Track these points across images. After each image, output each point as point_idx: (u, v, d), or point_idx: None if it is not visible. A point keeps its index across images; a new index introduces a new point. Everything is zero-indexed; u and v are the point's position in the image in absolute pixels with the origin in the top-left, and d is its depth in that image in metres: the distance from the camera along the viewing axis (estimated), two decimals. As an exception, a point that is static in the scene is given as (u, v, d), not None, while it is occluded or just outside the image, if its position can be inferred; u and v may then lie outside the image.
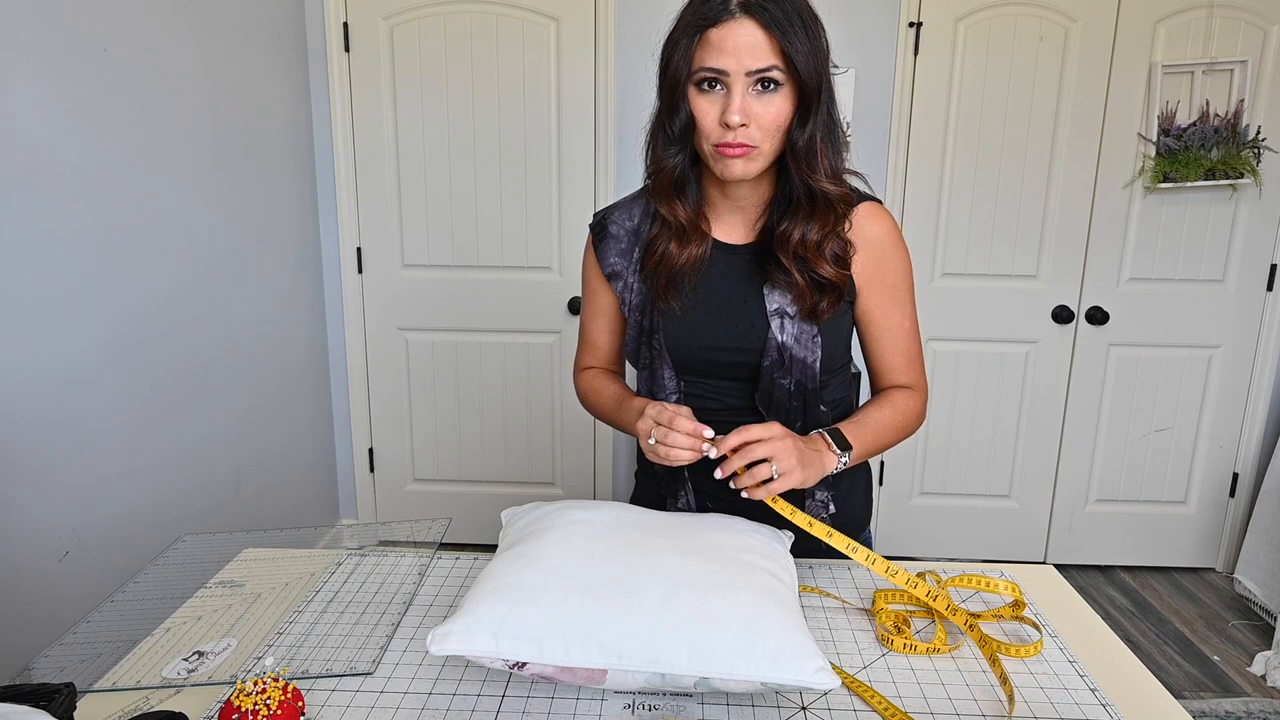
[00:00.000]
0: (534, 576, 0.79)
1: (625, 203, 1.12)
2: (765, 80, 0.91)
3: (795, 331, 1.02)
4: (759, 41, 0.89)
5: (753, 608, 0.76)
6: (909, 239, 2.70)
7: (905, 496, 2.90)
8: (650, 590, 0.76)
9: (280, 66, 2.48)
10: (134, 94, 1.83)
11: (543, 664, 0.74)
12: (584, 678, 0.76)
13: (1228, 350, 2.71)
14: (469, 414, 2.87)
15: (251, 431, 2.35)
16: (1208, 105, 2.52)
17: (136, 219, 1.85)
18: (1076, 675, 0.85)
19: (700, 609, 0.75)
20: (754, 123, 0.92)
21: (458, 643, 0.74)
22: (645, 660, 0.73)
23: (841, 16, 2.56)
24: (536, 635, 0.74)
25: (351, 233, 2.75)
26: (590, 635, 0.74)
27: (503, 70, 2.63)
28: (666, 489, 1.12)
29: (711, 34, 0.90)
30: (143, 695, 0.81)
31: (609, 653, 0.73)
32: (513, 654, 0.74)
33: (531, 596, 0.76)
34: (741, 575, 0.81)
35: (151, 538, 1.87)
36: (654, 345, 1.07)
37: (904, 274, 1.08)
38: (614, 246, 1.10)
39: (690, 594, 0.76)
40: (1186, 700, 2.14)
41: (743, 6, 0.89)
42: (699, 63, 0.91)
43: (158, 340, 1.93)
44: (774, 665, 0.72)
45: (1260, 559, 2.56)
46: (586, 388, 1.17)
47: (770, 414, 1.05)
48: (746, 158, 0.94)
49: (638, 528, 0.88)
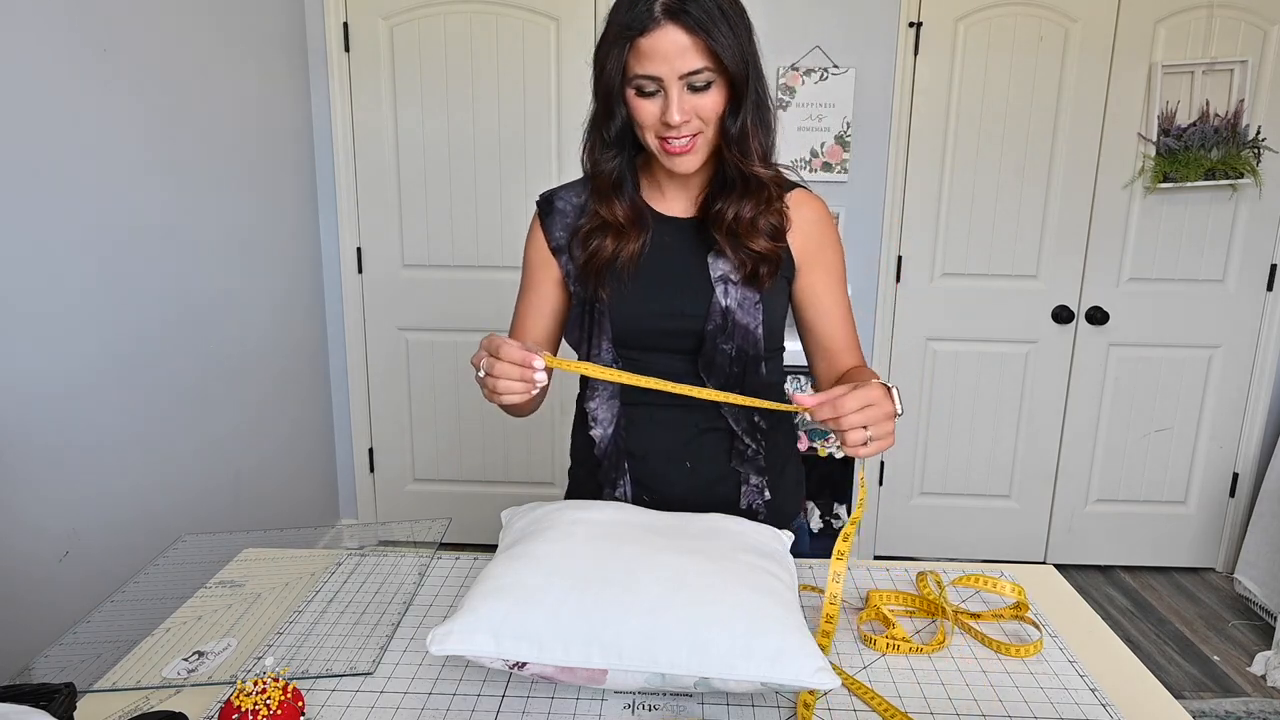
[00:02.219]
0: (534, 576, 0.78)
1: (571, 184, 1.15)
2: (697, 80, 0.94)
3: (739, 297, 1.05)
4: (687, 46, 0.92)
5: (753, 607, 0.76)
6: (909, 239, 2.70)
7: (905, 496, 2.90)
8: (650, 590, 0.76)
9: (280, 66, 2.48)
10: (134, 95, 1.83)
11: (543, 664, 0.74)
12: (584, 678, 0.75)
13: (1228, 350, 2.71)
14: (469, 414, 2.87)
15: (251, 431, 2.35)
16: (1208, 105, 2.52)
17: (136, 219, 1.85)
18: (1076, 675, 0.85)
19: (700, 609, 0.75)
20: (694, 115, 0.96)
21: (458, 643, 0.74)
22: (645, 660, 0.73)
23: (841, 16, 2.56)
24: (537, 635, 0.74)
25: (351, 233, 2.75)
26: (590, 635, 0.73)
27: (503, 70, 2.63)
28: (604, 478, 1.12)
29: (641, 43, 0.93)
30: (143, 695, 0.81)
31: (609, 653, 0.73)
32: (513, 654, 0.74)
33: (532, 596, 0.76)
34: (742, 575, 0.80)
35: (151, 538, 1.87)
36: (594, 314, 1.08)
37: (839, 257, 1.13)
38: (560, 221, 1.11)
39: (690, 594, 0.76)
40: (1186, 700, 2.14)
41: (667, 12, 0.91)
42: (633, 70, 0.95)
43: (157, 341, 1.93)
44: (774, 665, 0.72)
45: (1260, 559, 2.56)
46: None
47: (711, 381, 1.07)
48: (693, 152, 0.99)
49: (638, 527, 0.88)
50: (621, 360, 1.09)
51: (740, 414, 1.10)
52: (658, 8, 0.91)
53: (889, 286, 2.74)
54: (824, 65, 2.57)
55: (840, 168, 2.64)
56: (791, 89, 2.58)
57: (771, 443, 1.13)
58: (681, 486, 1.08)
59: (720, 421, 1.10)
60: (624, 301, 1.06)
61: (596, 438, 1.11)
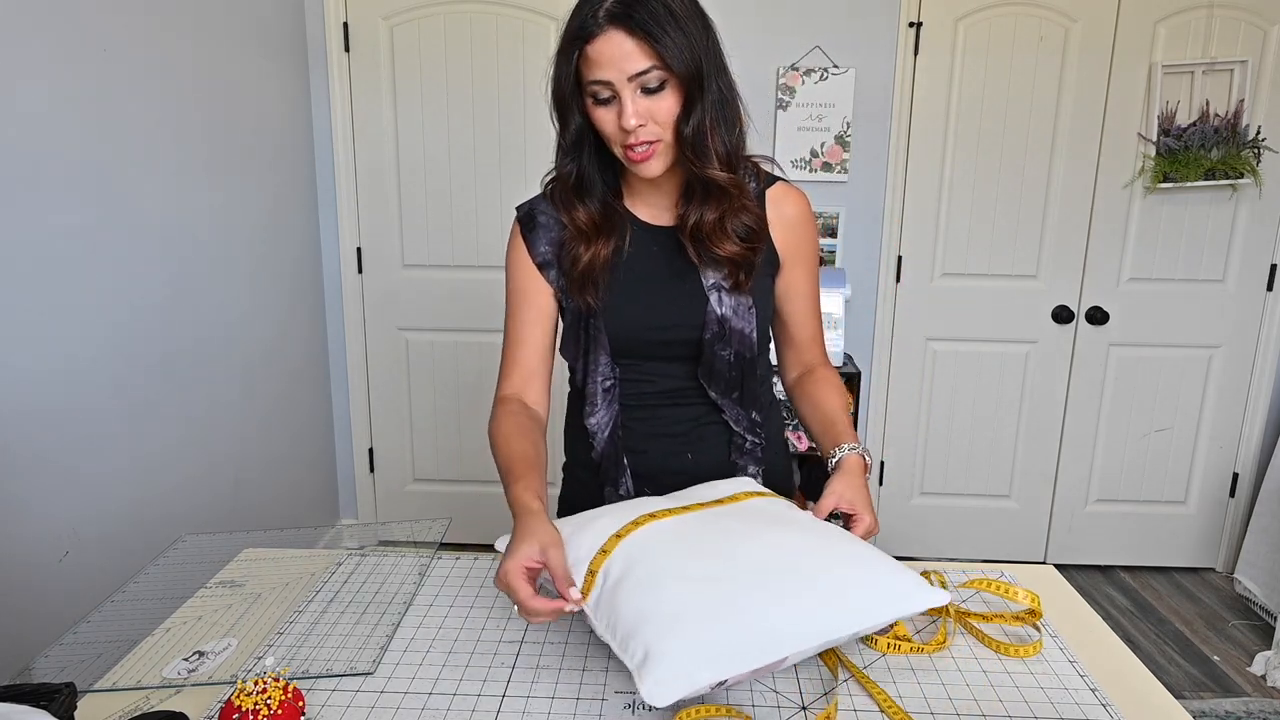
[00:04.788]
0: (681, 600, 0.77)
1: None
2: (649, 81, 0.93)
3: (733, 304, 1.05)
4: (631, 49, 0.91)
5: (863, 563, 0.85)
6: (909, 239, 2.70)
7: (905, 496, 2.90)
8: (785, 577, 0.80)
9: (280, 66, 2.48)
10: (134, 94, 1.83)
11: (740, 674, 0.75)
12: (768, 669, 0.78)
13: (1228, 350, 2.71)
14: (469, 414, 2.87)
15: (252, 431, 2.35)
16: (1208, 105, 2.52)
17: (136, 219, 1.85)
18: (1076, 675, 0.85)
19: (832, 578, 0.82)
20: (650, 119, 0.95)
21: (682, 688, 0.72)
22: (818, 637, 0.78)
23: (841, 16, 2.56)
24: (731, 651, 0.74)
25: (351, 233, 2.75)
26: (772, 633, 0.76)
27: (503, 70, 2.63)
28: (605, 477, 1.13)
29: (588, 49, 0.92)
30: (143, 695, 0.81)
31: (788, 642, 0.77)
32: (723, 674, 0.73)
33: (703, 619, 0.75)
34: (821, 540, 0.87)
35: (151, 538, 1.87)
36: (590, 330, 1.07)
37: (815, 251, 1.15)
38: (544, 235, 1.10)
39: (811, 569, 0.82)
40: (1186, 700, 2.14)
41: (609, 18, 0.91)
42: (585, 76, 0.94)
43: (157, 341, 1.93)
44: (909, 601, 0.83)
45: (1260, 559, 2.56)
46: (496, 432, 1.04)
47: (712, 387, 1.08)
48: (655, 156, 0.98)
49: (691, 521, 0.89)
50: (620, 369, 1.09)
51: (740, 413, 1.11)
52: (601, 13, 0.91)
53: (889, 286, 2.74)
54: (824, 65, 2.57)
55: (840, 168, 2.64)
56: (791, 89, 2.58)
57: (768, 430, 1.15)
58: (683, 477, 1.08)
59: (718, 415, 1.11)
60: (619, 313, 1.06)
61: (595, 443, 1.11)
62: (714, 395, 1.09)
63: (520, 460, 0.98)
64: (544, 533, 0.84)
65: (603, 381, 1.09)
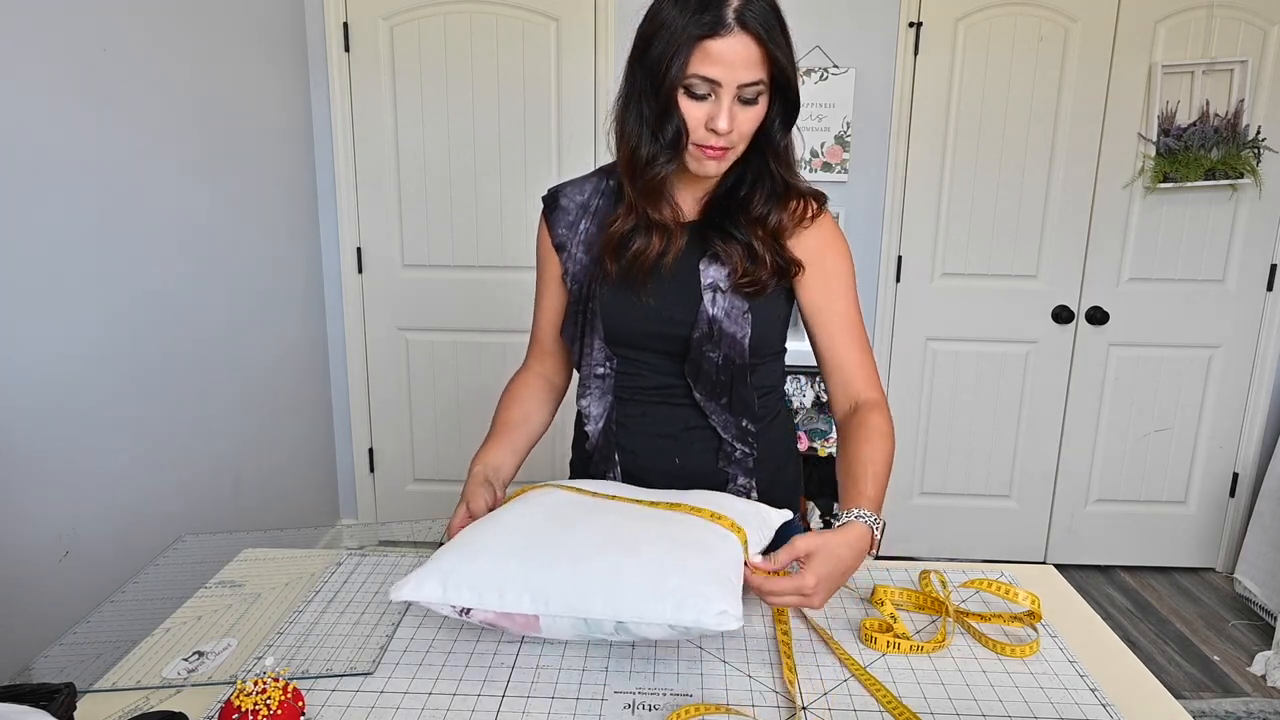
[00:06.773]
0: (486, 536, 0.87)
1: (577, 180, 1.15)
2: (749, 93, 0.94)
3: (726, 306, 1.05)
4: (753, 56, 0.91)
5: (667, 556, 0.81)
6: (909, 239, 2.70)
7: (905, 496, 2.90)
8: (579, 542, 0.83)
9: (280, 66, 2.48)
10: (134, 94, 1.83)
11: (483, 610, 0.82)
12: (521, 624, 0.82)
13: (1228, 350, 2.71)
14: (469, 414, 2.87)
15: (252, 431, 2.35)
16: (1208, 105, 2.53)
17: (136, 219, 1.85)
18: (1076, 675, 0.85)
19: (621, 558, 0.81)
20: (736, 129, 0.95)
21: (412, 590, 0.83)
22: (568, 606, 0.79)
23: (842, 16, 2.56)
24: (476, 584, 0.82)
25: (351, 233, 2.75)
26: (523, 584, 0.81)
27: (503, 70, 2.63)
28: (595, 470, 1.15)
29: (710, 45, 0.91)
30: (143, 695, 0.81)
31: (537, 600, 0.80)
32: (456, 600, 0.82)
33: (477, 552, 0.84)
34: (680, 533, 0.84)
35: (151, 538, 1.87)
36: (588, 313, 1.09)
37: (843, 262, 1.10)
38: (563, 219, 1.12)
39: (617, 546, 0.82)
40: (1186, 700, 2.14)
41: (740, 20, 0.90)
42: (693, 70, 0.93)
43: (157, 341, 1.93)
44: (679, 608, 0.76)
45: (1260, 559, 2.56)
46: (504, 393, 1.21)
47: (698, 387, 1.08)
48: (724, 159, 0.99)
49: (617, 499, 0.93)
50: (616, 361, 1.11)
51: (729, 420, 1.09)
52: (730, 13, 0.90)
53: (889, 286, 2.74)
54: (824, 65, 2.57)
55: (840, 168, 2.64)
56: (791, 89, 2.58)
57: (767, 442, 1.13)
58: (669, 481, 1.08)
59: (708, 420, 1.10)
60: (616, 300, 1.07)
61: (590, 432, 1.14)
62: (699, 396, 1.08)
63: (499, 425, 1.15)
64: (471, 493, 1.02)
65: (596, 368, 1.11)
